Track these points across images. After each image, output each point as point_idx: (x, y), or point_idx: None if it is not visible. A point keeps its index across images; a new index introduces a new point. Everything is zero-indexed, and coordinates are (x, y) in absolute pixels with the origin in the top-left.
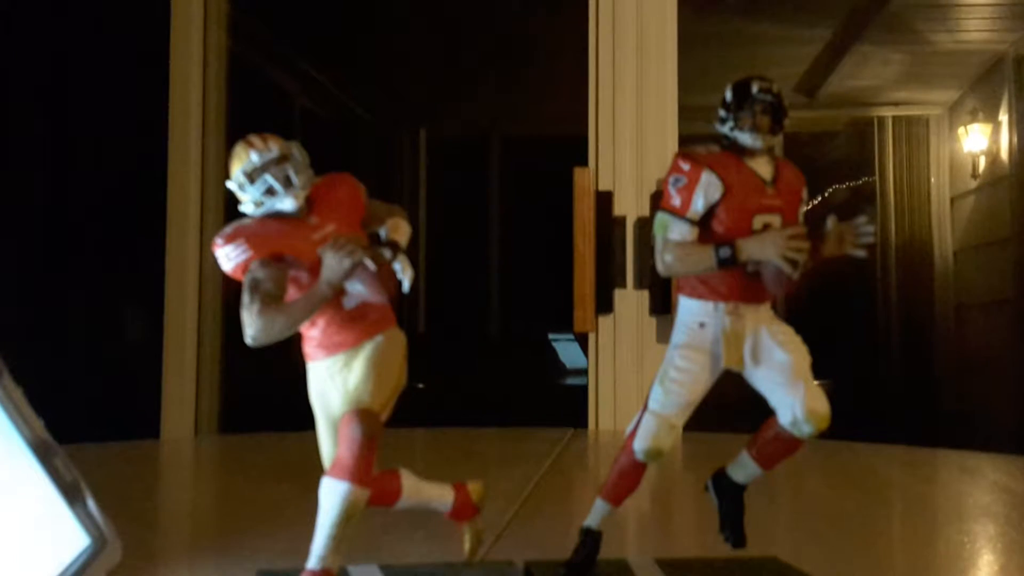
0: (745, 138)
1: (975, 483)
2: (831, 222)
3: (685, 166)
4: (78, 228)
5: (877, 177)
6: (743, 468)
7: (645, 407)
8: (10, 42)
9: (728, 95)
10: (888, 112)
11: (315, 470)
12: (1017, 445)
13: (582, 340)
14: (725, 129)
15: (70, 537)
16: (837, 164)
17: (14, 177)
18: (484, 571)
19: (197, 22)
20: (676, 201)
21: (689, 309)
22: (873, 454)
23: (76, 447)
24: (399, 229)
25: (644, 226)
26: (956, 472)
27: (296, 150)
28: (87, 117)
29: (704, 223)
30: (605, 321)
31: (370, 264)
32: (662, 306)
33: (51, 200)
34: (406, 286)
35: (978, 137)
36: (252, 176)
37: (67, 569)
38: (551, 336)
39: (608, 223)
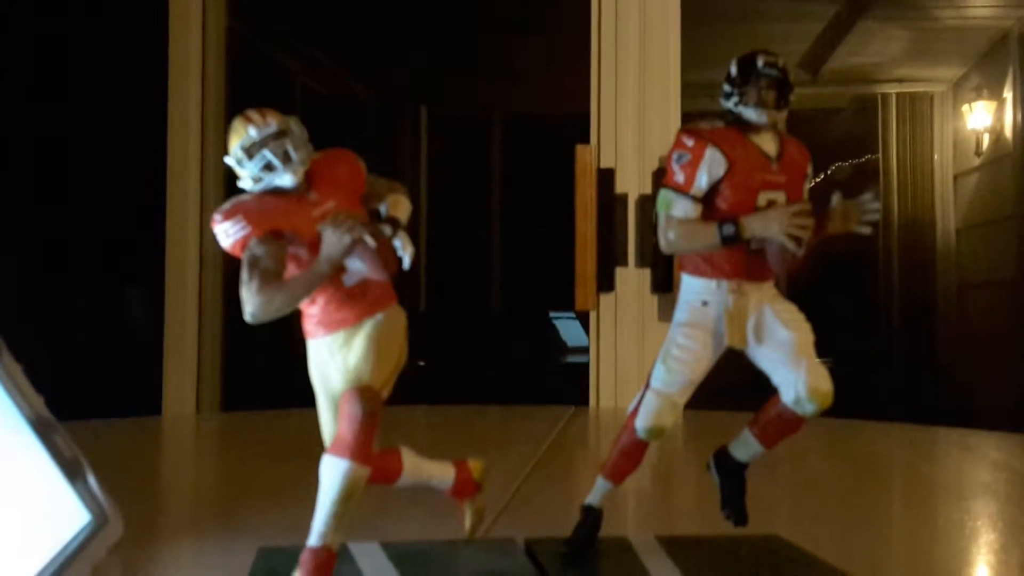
0: (750, 113)
1: (976, 461)
2: (836, 199)
3: (689, 142)
4: (79, 205)
5: (880, 154)
6: (745, 446)
7: (647, 385)
8: (9, 18)
9: (733, 69)
10: (892, 89)
11: (316, 448)
12: (1018, 423)
13: (583, 318)
14: (730, 104)
15: (71, 513)
16: (840, 141)
17: (16, 154)
18: (485, 548)
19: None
20: (680, 178)
21: (692, 287)
22: (875, 432)
23: (77, 424)
24: (399, 206)
25: (646, 204)
26: (957, 450)
27: (295, 125)
28: (87, 95)
29: (708, 200)
30: (606, 299)
31: (370, 241)
32: (664, 284)
33: (53, 178)
34: (406, 263)
35: (982, 114)
36: (250, 151)
37: (68, 545)
38: (552, 314)
39: (610, 201)
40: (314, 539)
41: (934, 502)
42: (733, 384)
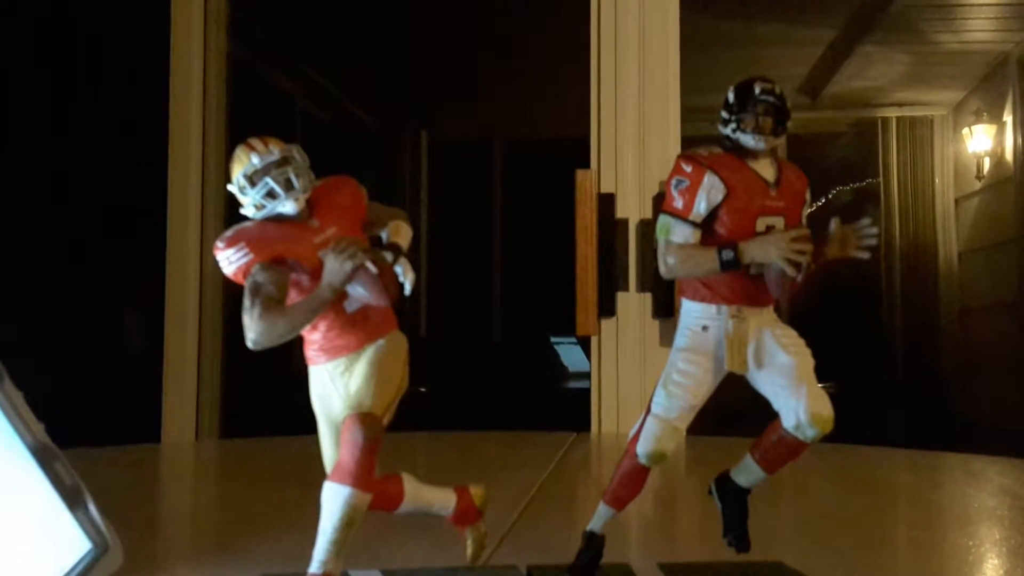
0: (747, 140)
1: (980, 487)
2: (834, 224)
3: (687, 168)
4: (79, 231)
5: (881, 178)
6: (747, 472)
7: (648, 410)
8: (11, 44)
9: (730, 96)
10: (892, 113)
11: (317, 474)
12: (1022, 448)
13: (584, 343)
14: (727, 131)
15: (71, 542)
16: (841, 165)
17: (15, 180)
18: (487, 575)
19: (197, 24)
20: (678, 203)
21: (692, 312)
22: (877, 457)
23: (77, 451)
24: (400, 232)
25: (647, 228)
26: (961, 476)
27: (297, 153)
28: (88, 119)
29: (707, 225)
30: (608, 324)
31: (372, 267)
32: (665, 309)
33: (52, 203)
34: (408, 289)
35: (982, 138)
36: (253, 179)
37: (68, 574)
38: (553, 339)
39: (610, 225)
40: (315, 566)
41: (938, 528)
42: (734, 409)
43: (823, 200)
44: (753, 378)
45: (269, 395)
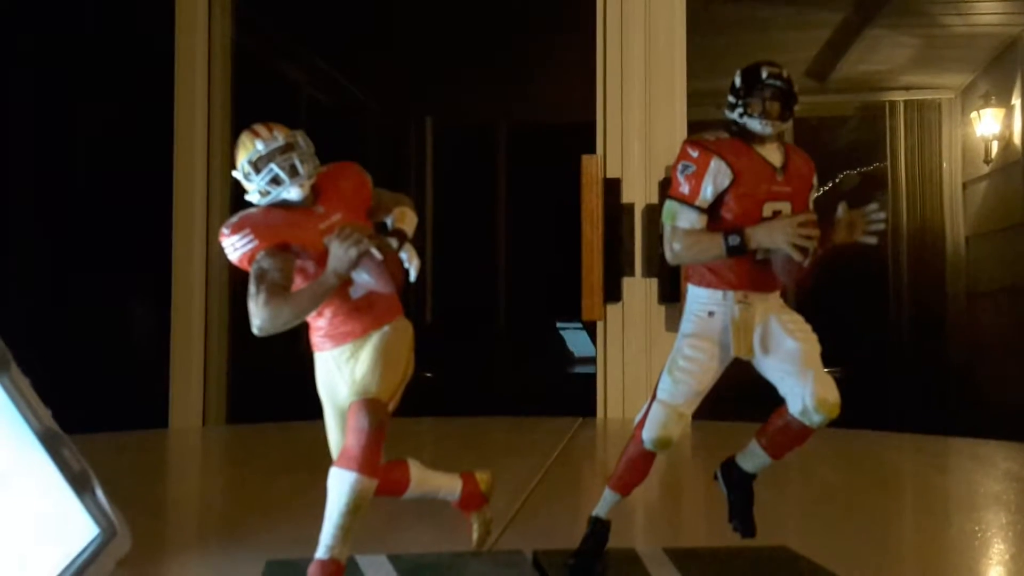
0: (754, 124)
1: (986, 471)
2: (842, 209)
3: (694, 153)
4: (84, 217)
5: (888, 162)
6: (753, 457)
7: (654, 396)
8: (13, 32)
9: (737, 81)
10: (899, 96)
11: (323, 460)
12: None
13: (590, 328)
14: (734, 115)
15: (79, 527)
16: (848, 149)
17: (20, 167)
18: (492, 560)
19: (202, 12)
20: (684, 189)
21: (698, 298)
22: (884, 442)
23: (84, 437)
24: (405, 218)
25: (653, 214)
26: (967, 460)
27: (302, 139)
28: (93, 109)
29: (713, 211)
30: (613, 309)
31: (376, 254)
32: (671, 294)
33: (58, 190)
34: (413, 275)
35: (990, 121)
36: (258, 165)
37: (76, 559)
38: (559, 324)
39: (616, 211)
40: (321, 552)
41: (944, 513)
42: (740, 395)
43: (830, 185)
44: (759, 364)
45: (275, 381)
